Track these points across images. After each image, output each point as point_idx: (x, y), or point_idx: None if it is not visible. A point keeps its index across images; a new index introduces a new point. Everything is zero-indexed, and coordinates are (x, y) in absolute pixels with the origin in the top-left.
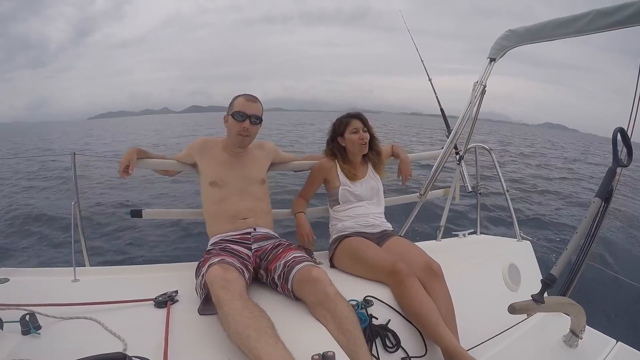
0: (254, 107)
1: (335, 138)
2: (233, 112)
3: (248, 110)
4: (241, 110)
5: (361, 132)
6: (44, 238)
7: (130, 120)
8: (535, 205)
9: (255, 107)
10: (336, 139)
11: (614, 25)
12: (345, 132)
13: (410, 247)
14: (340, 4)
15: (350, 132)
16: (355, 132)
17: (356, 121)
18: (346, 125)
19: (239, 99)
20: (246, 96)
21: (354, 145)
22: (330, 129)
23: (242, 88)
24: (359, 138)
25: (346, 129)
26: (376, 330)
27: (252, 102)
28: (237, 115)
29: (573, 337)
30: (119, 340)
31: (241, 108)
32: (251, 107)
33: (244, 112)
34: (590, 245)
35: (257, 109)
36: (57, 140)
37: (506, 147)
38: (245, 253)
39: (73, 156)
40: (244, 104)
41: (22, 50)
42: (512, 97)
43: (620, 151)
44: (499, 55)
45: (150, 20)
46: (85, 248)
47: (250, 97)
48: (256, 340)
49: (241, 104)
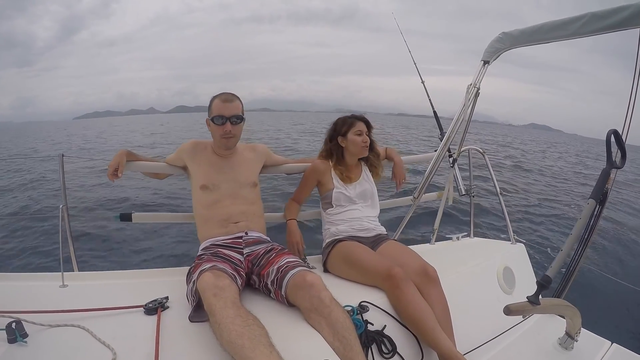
0: (232, 107)
1: (336, 137)
2: (212, 116)
3: (226, 112)
4: (219, 113)
5: (364, 135)
6: (31, 242)
7: (117, 120)
8: (529, 207)
9: (234, 107)
10: (336, 139)
11: (609, 28)
12: (349, 133)
13: (405, 251)
14: (329, 5)
15: (354, 134)
16: (359, 134)
17: (361, 123)
18: (350, 126)
19: (215, 101)
20: (222, 96)
21: (356, 146)
22: (331, 127)
23: (229, 88)
24: (362, 140)
25: (350, 129)
26: (372, 336)
27: (229, 102)
28: (217, 119)
29: (569, 340)
30: (108, 349)
31: (219, 111)
32: (229, 109)
33: (222, 115)
34: (586, 247)
35: (235, 108)
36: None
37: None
38: (237, 258)
39: (61, 158)
40: (221, 107)
41: (7, 48)
42: (498, 97)
43: (615, 153)
44: (492, 58)
45: (137, 18)
46: (73, 252)
47: (227, 96)
48: (250, 349)
49: (218, 107)
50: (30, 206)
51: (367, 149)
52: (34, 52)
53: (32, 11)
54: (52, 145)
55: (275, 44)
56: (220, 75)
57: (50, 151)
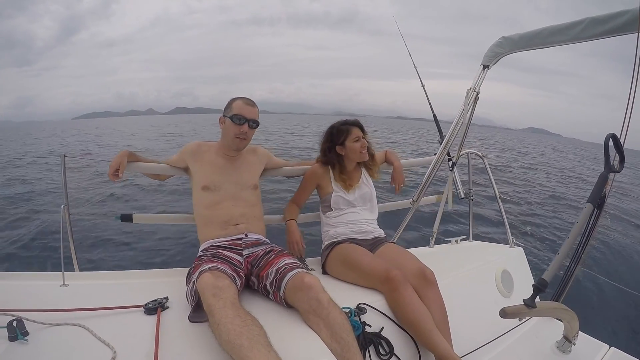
0: (253, 111)
1: (333, 147)
2: (232, 114)
3: (247, 114)
4: (240, 113)
5: (362, 140)
6: (32, 241)
7: (116, 121)
8: (528, 212)
9: (254, 112)
10: (334, 149)
11: (608, 33)
12: (347, 141)
13: (404, 254)
14: (329, 8)
15: (352, 141)
16: (357, 140)
17: (357, 129)
18: (347, 133)
19: (237, 102)
20: (245, 100)
21: (355, 153)
22: (326, 137)
23: (228, 90)
24: (361, 146)
25: (347, 137)
26: (369, 338)
27: (251, 106)
28: (236, 118)
29: (566, 343)
30: (108, 348)
31: (240, 111)
32: (250, 112)
33: (243, 116)
34: (583, 251)
35: (255, 113)
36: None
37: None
38: (237, 259)
39: (63, 158)
40: (243, 108)
41: (7, 48)
42: (496, 101)
43: (613, 158)
44: (492, 62)
45: (137, 19)
46: (74, 252)
47: (249, 101)
48: (248, 349)
49: (240, 108)
50: (32, 206)
51: (366, 153)
52: (33, 52)
53: (32, 10)
54: (61, 147)
55: (275, 47)
56: (220, 77)
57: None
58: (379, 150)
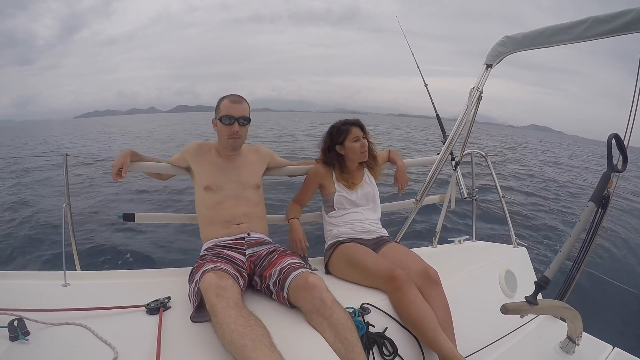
0: (241, 108)
1: (333, 147)
2: (220, 116)
3: (235, 113)
4: (228, 113)
5: (362, 140)
6: (33, 241)
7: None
8: (532, 212)
9: (242, 108)
10: (334, 149)
11: (611, 33)
12: (346, 141)
13: (407, 254)
14: (330, 5)
15: (352, 141)
16: (357, 140)
17: (356, 129)
18: (347, 133)
19: (224, 101)
20: (231, 97)
21: (355, 153)
22: (326, 137)
23: (230, 88)
24: (361, 146)
25: (347, 137)
26: (373, 338)
27: (238, 103)
28: (225, 119)
29: (570, 343)
30: (110, 348)
31: (228, 111)
32: (237, 109)
33: (230, 115)
34: (587, 250)
35: (243, 109)
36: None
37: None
38: (239, 259)
39: (65, 157)
40: (230, 107)
41: (8, 46)
42: (497, 98)
43: (617, 158)
44: (495, 62)
45: (138, 17)
46: (76, 251)
47: (235, 98)
48: (252, 349)
49: (227, 108)
50: (33, 205)
51: (366, 153)
52: (35, 51)
53: (33, 9)
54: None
55: (276, 44)
56: (221, 74)
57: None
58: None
